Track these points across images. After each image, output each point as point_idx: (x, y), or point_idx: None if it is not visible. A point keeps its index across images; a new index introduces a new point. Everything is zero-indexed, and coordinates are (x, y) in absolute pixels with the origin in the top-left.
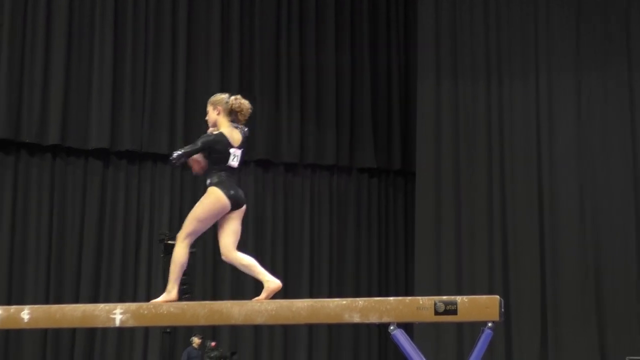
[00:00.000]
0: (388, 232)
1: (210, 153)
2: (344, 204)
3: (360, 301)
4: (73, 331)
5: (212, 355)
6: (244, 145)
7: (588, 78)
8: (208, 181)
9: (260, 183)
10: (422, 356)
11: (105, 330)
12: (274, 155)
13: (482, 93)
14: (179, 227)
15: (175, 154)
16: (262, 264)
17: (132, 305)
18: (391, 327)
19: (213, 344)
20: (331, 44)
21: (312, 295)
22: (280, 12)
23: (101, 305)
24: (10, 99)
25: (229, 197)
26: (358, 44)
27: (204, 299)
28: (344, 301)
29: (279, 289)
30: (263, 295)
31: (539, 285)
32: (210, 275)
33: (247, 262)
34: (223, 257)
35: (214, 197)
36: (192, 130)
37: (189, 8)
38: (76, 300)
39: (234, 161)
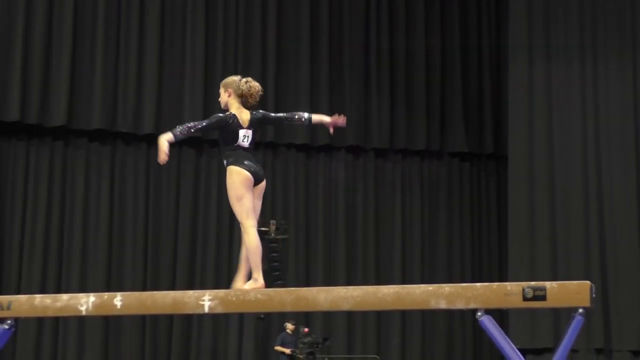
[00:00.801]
0: (480, 217)
1: (221, 133)
2: (435, 189)
3: (447, 287)
4: (170, 316)
5: (305, 341)
6: (254, 126)
7: None
8: (225, 162)
9: (350, 169)
10: (511, 343)
11: (201, 316)
12: (364, 141)
13: (576, 74)
14: (271, 213)
15: (179, 127)
16: (354, 250)
17: (221, 292)
18: (479, 314)
19: (306, 329)
20: (421, 27)
21: (404, 281)
22: None
23: (190, 292)
24: (106, 91)
25: (249, 171)
26: (448, 27)
27: (297, 285)
28: (430, 287)
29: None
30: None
31: (638, 270)
32: (302, 262)
33: (246, 247)
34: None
35: (235, 174)
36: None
37: None
38: (172, 286)
39: (244, 141)
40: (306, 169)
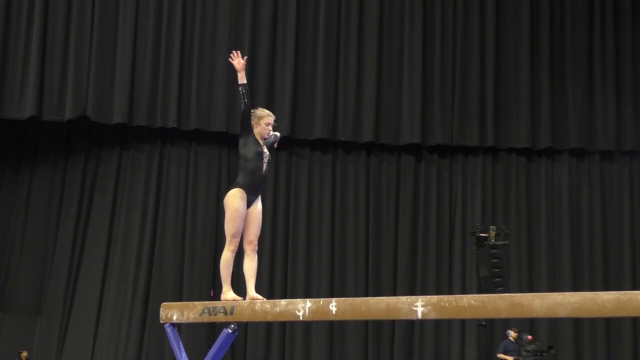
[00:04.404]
0: None
1: (244, 146)
2: None
3: None
4: (392, 322)
5: (528, 348)
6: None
7: None
8: (237, 180)
9: (574, 173)
10: None
11: (422, 322)
12: (589, 143)
13: None
14: (491, 219)
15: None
16: (579, 255)
17: (433, 298)
18: None
19: (529, 337)
20: None
21: (634, 287)
22: None
23: (403, 298)
24: (327, 101)
25: (247, 196)
26: None
27: (520, 291)
28: None
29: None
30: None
31: None
32: (525, 268)
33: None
34: None
35: (238, 197)
36: (502, 122)
37: None
38: (394, 293)
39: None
40: (528, 173)
